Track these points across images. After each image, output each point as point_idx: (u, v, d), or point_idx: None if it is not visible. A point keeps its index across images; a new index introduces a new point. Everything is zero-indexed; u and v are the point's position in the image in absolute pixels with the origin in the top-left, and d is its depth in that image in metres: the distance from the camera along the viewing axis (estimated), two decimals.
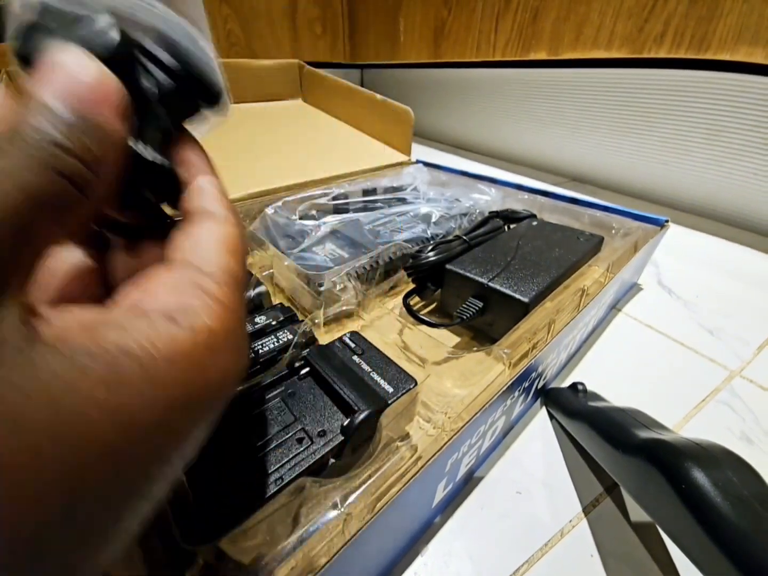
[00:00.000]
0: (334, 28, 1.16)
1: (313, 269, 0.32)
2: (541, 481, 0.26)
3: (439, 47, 0.96)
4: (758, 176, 0.58)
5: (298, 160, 0.58)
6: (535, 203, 0.49)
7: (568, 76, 0.77)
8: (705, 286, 0.47)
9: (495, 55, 0.85)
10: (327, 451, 0.17)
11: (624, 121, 0.72)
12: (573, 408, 0.28)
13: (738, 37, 0.52)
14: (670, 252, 0.52)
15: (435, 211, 0.44)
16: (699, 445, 0.18)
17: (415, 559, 0.22)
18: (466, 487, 0.25)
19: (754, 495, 0.16)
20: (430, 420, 0.20)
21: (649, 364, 0.35)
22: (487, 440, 0.25)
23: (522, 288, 0.29)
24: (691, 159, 0.65)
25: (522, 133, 0.92)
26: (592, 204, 0.46)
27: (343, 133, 0.74)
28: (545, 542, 0.23)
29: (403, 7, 1.00)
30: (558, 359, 0.31)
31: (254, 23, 1.00)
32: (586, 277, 0.34)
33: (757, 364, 0.35)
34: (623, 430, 0.22)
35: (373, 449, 0.18)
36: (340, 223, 0.40)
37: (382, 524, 0.17)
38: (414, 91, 1.18)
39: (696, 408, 0.31)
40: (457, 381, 0.23)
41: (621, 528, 0.23)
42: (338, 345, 0.22)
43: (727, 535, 0.15)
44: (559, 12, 0.71)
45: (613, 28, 0.64)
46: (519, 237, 0.37)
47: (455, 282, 0.32)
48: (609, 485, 0.26)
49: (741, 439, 0.29)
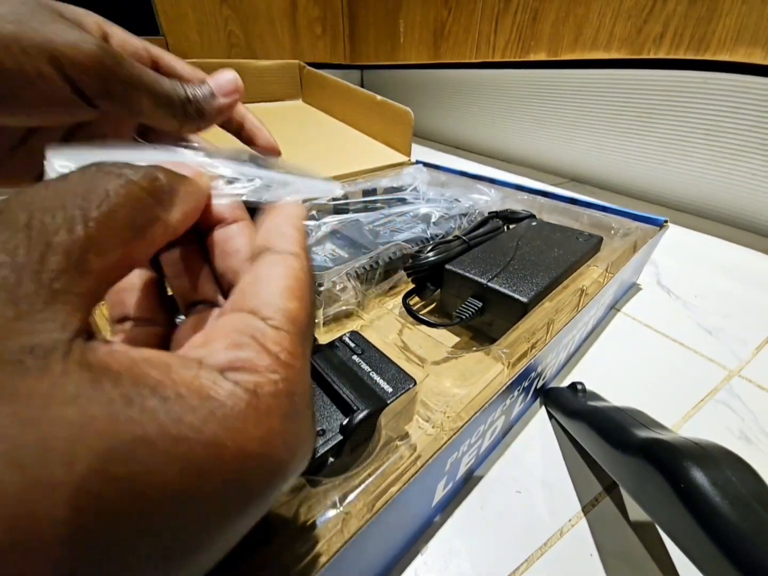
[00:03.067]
0: (334, 29, 1.16)
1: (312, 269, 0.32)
2: (541, 480, 0.26)
3: (438, 48, 0.97)
4: (757, 176, 0.58)
5: (299, 161, 0.58)
6: (534, 203, 0.49)
7: (567, 77, 0.77)
8: (704, 286, 0.47)
9: (494, 56, 0.85)
10: (326, 450, 0.17)
11: (623, 121, 0.72)
12: (572, 408, 0.28)
13: (737, 38, 0.53)
14: (669, 252, 0.53)
15: (435, 212, 0.44)
16: (698, 445, 0.18)
17: (415, 558, 0.22)
18: (466, 487, 0.25)
19: (753, 494, 0.16)
20: (430, 419, 0.20)
21: (649, 364, 0.35)
22: (487, 440, 0.25)
23: (521, 288, 0.29)
24: (690, 159, 0.65)
25: (521, 133, 0.92)
26: (592, 204, 0.46)
27: (343, 133, 0.74)
28: (545, 541, 0.23)
29: (402, 8, 1.01)
30: (557, 359, 0.31)
31: (254, 24, 1.00)
32: (585, 277, 0.34)
33: (756, 363, 0.36)
34: (622, 430, 0.22)
35: (373, 449, 0.18)
36: (340, 223, 0.41)
37: (382, 523, 0.17)
38: (414, 91, 1.18)
39: (695, 408, 0.31)
40: (456, 381, 0.23)
41: (620, 527, 0.23)
42: (338, 344, 0.22)
43: (726, 535, 0.15)
44: (558, 13, 0.71)
45: (612, 29, 0.65)
46: (518, 237, 0.37)
47: (454, 282, 0.32)
48: (608, 485, 0.26)
49: (740, 438, 0.29)
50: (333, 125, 0.77)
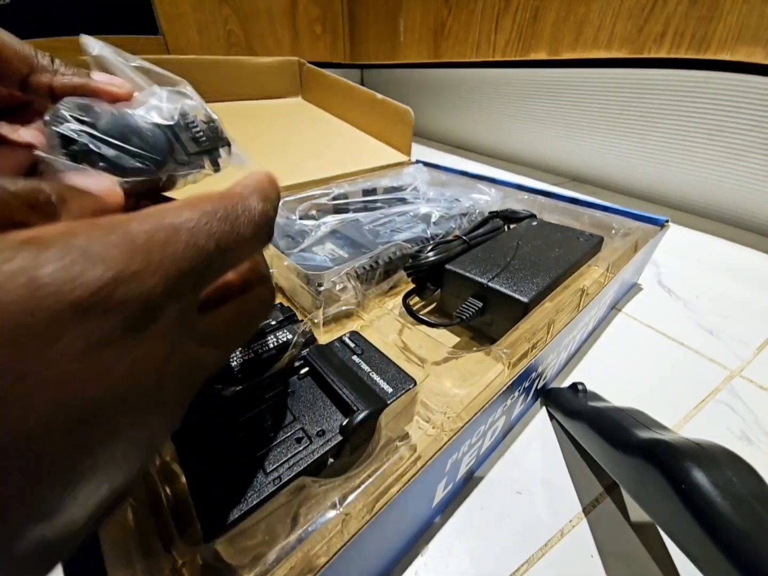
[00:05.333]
0: (334, 28, 1.16)
1: (312, 269, 0.32)
2: (541, 480, 0.26)
3: (439, 47, 0.96)
4: (758, 176, 0.58)
5: (298, 160, 0.58)
6: (534, 203, 0.49)
7: (568, 76, 0.77)
8: (705, 286, 0.47)
9: (495, 55, 0.85)
10: (326, 451, 0.17)
11: (624, 120, 0.71)
12: (573, 408, 0.28)
13: (738, 37, 0.52)
14: (670, 252, 0.52)
15: (435, 211, 0.44)
16: (699, 445, 0.18)
17: (415, 559, 0.22)
18: (466, 487, 0.25)
19: (754, 495, 0.16)
20: (430, 420, 0.20)
21: (649, 364, 0.35)
22: (487, 440, 0.25)
23: (521, 288, 0.29)
24: (691, 159, 0.65)
25: (522, 132, 0.92)
26: (592, 204, 0.46)
27: (343, 132, 0.74)
28: (545, 542, 0.23)
29: (403, 8, 1.00)
30: (558, 359, 0.31)
31: (254, 23, 1.00)
32: (585, 277, 0.34)
33: (757, 364, 0.35)
34: (623, 430, 0.22)
35: (372, 449, 0.18)
36: (340, 223, 0.40)
37: (382, 524, 0.17)
38: (414, 91, 1.18)
39: (696, 408, 0.31)
40: (456, 381, 0.23)
41: (621, 528, 0.23)
42: (338, 345, 0.22)
43: (726, 535, 0.15)
44: (558, 12, 0.71)
45: (613, 29, 0.64)
46: (519, 237, 0.37)
47: (455, 282, 0.32)
48: (609, 485, 0.25)
49: (741, 438, 0.29)
50: (333, 123, 0.77)
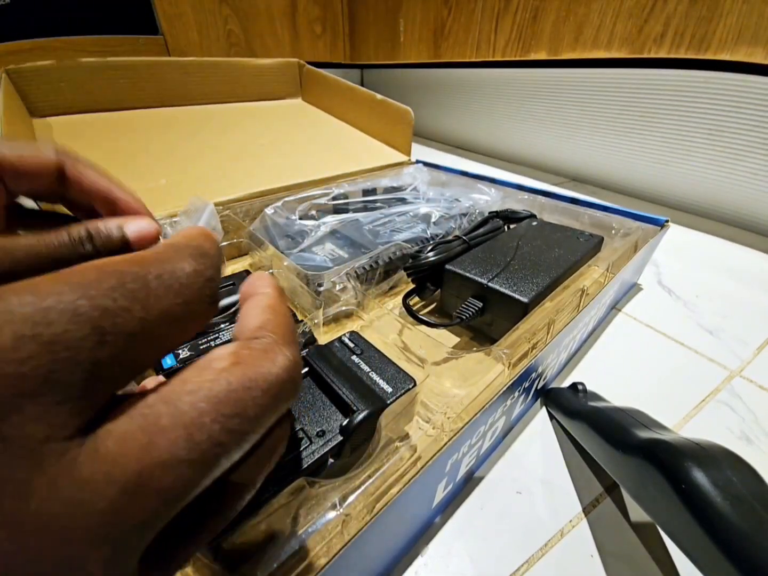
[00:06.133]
0: (334, 28, 1.16)
1: (312, 269, 0.32)
2: (541, 481, 0.26)
3: (439, 47, 0.96)
4: (758, 176, 0.58)
5: (298, 160, 0.58)
6: (534, 203, 0.49)
7: (568, 76, 0.77)
8: (705, 286, 0.47)
9: (495, 56, 0.85)
10: (326, 452, 0.17)
11: (624, 120, 0.71)
12: (573, 408, 0.28)
13: (738, 37, 0.52)
14: (670, 252, 0.52)
15: (435, 211, 0.44)
16: (699, 445, 0.18)
17: (415, 559, 0.22)
18: (467, 488, 0.25)
19: (754, 495, 0.16)
20: (430, 420, 0.20)
21: (649, 364, 0.35)
22: (487, 440, 0.25)
23: (521, 288, 0.29)
24: (691, 159, 0.65)
25: (522, 132, 0.92)
26: (592, 204, 0.46)
27: (343, 132, 0.74)
28: (545, 542, 0.23)
29: (403, 8, 1.00)
30: (558, 359, 0.31)
31: (254, 23, 1.00)
32: (585, 277, 0.34)
33: (757, 364, 0.35)
34: (623, 430, 0.22)
35: (373, 449, 0.18)
36: (340, 223, 0.40)
37: (382, 525, 0.17)
38: (414, 91, 1.18)
39: (696, 408, 0.31)
40: (456, 381, 0.23)
41: (621, 528, 0.23)
42: (337, 345, 0.22)
43: (726, 535, 0.15)
44: (558, 12, 0.71)
45: (613, 29, 0.64)
46: (519, 237, 0.37)
47: (455, 282, 0.32)
48: (609, 485, 0.25)
49: (741, 438, 0.29)
50: (333, 124, 0.77)
